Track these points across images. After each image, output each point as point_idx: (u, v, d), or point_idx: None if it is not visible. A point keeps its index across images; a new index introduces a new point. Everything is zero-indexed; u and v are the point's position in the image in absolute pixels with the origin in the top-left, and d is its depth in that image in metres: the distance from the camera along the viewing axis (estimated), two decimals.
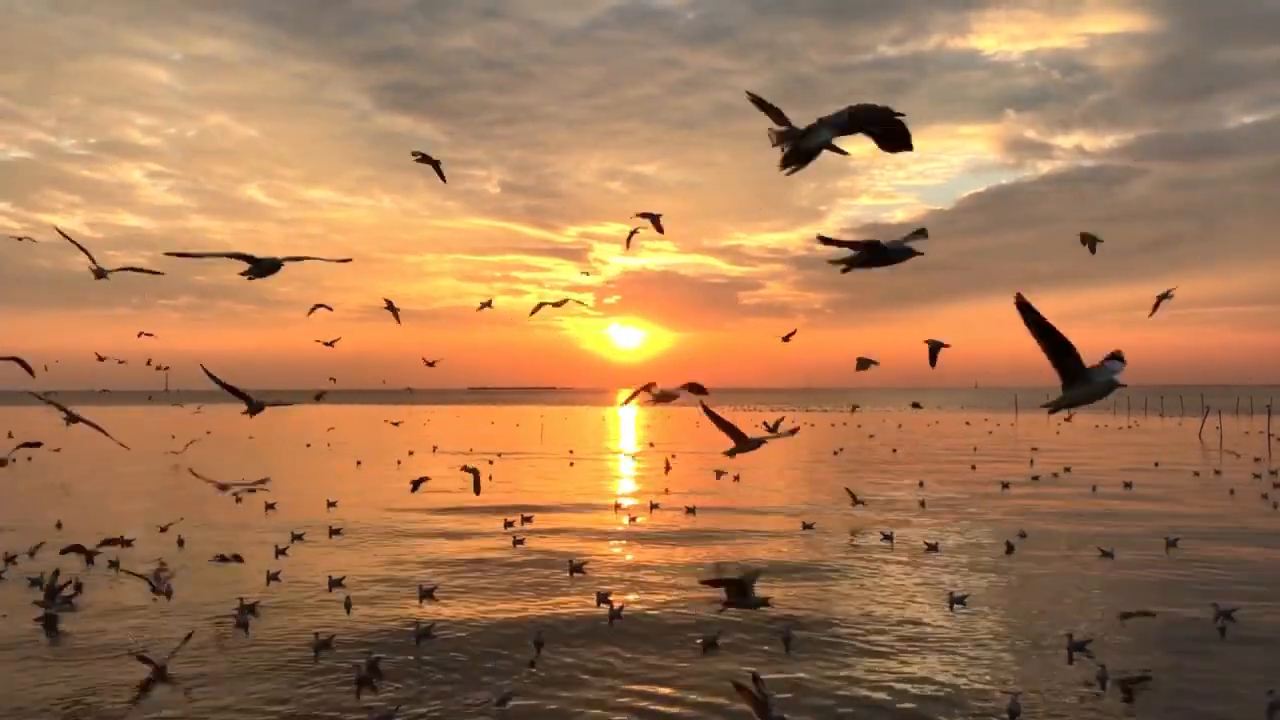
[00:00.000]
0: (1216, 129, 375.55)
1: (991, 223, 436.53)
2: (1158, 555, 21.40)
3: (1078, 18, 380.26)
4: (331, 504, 30.41)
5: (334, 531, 24.76)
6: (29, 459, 44.28)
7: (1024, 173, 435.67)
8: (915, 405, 74.45)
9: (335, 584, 18.25)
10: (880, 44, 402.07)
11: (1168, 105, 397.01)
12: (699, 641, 14.29)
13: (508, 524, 25.75)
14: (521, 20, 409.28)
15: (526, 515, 26.63)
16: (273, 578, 18.79)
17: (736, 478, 37.77)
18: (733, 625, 14.82)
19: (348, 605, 16.65)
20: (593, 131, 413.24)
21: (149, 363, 35.09)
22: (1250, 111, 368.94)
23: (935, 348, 16.16)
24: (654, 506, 29.58)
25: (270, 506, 29.99)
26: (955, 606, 16.36)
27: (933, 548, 22.01)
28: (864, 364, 16.00)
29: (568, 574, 19.34)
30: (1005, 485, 35.17)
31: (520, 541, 23.07)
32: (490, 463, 40.31)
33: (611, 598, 16.66)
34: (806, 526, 25.30)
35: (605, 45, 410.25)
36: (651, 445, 62.41)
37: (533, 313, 19.83)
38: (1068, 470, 39.95)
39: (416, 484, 21.38)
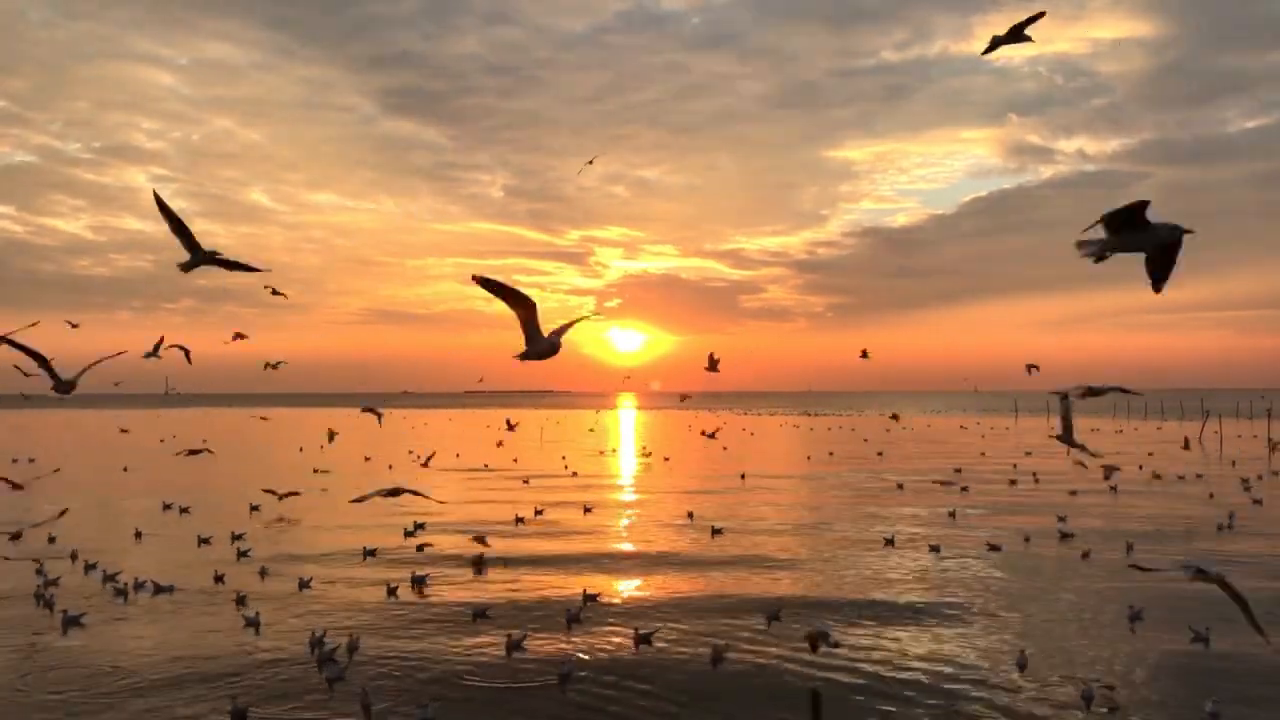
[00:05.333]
0: (1219, 134, 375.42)
1: (993, 227, 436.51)
2: (1119, 558, 21.67)
3: (1081, 23, 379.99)
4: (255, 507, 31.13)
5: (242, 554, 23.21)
6: None
7: (1026, 177, 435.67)
8: (894, 417, 77.28)
9: (304, 585, 18.90)
10: (884, 49, 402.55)
11: (1170, 110, 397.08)
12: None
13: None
14: (527, 25, 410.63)
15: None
16: (241, 602, 18.96)
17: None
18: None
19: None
20: (597, 136, 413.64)
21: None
22: (1252, 116, 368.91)
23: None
24: None
25: (185, 510, 30.59)
26: (772, 622, 15.64)
27: (935, 549, 22.33)
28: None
29: None
30: (963, 488, 35.22)
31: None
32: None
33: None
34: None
35: (610, 50, 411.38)
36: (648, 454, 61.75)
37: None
38: (1036, 479, 39.58)
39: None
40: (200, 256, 8.95)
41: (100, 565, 20.43)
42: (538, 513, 29.12)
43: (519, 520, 27.85)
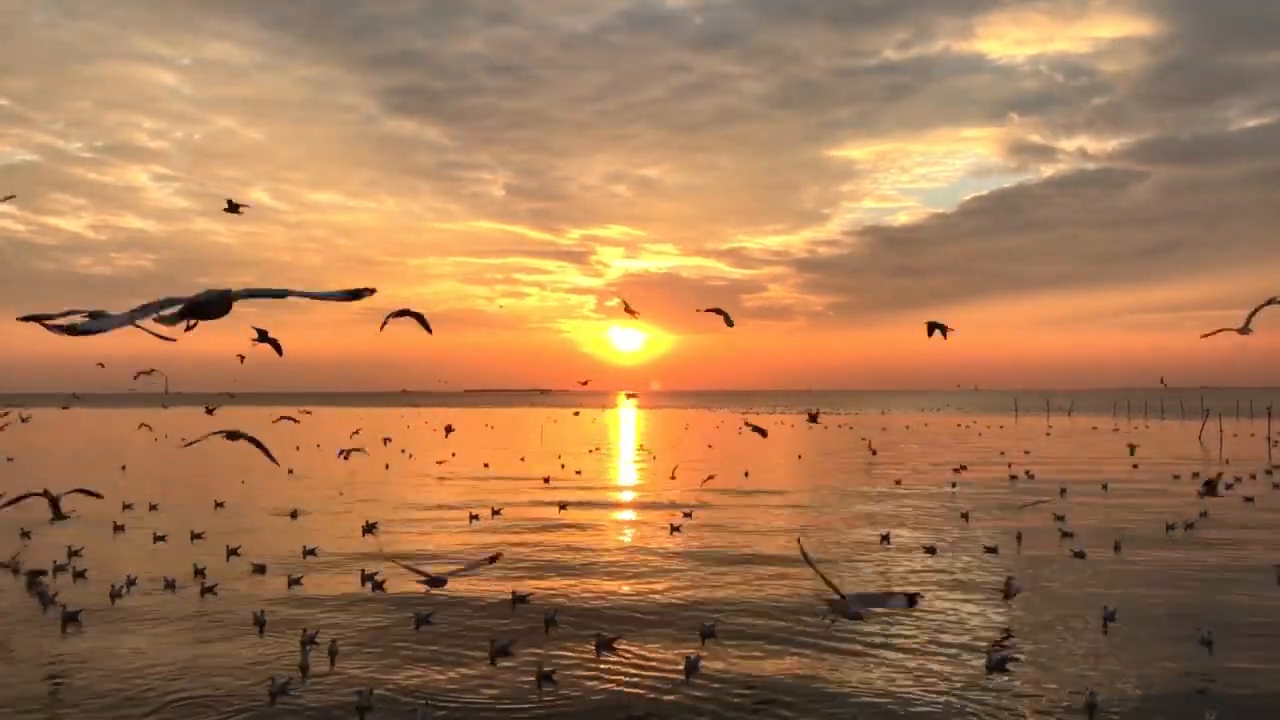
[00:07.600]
0: (1220, 133, 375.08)
1: (994, 226, 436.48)
2: (1108, 555, 21.80)
3: (1082, 22, 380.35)
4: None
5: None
6: None
7: (1027, 176, 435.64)
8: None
9: (293, 583, 18.91)
10: (886, 48, 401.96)
11: (1171, 109, 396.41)
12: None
13: None
14: (530, 25, 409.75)
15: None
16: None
17: None
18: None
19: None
20: (598, 135, 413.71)
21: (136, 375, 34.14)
22: (1253, 115, 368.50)
23: (936, 328, 17.10)
24: None
25: (154, 507, 30.89)
26: (706, 639, 14.61)
27: (930, 550, 22.19)
28: (937, 330, 16.80)
29: None
30: (951, 486, 35.25)
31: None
32: None
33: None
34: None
35: (612, 50, 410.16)
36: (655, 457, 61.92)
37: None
38: (1030, 476, 39.54)
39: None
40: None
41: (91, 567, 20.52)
42: (495, 513, 29.12)
43: (473, 517, 28.18)
